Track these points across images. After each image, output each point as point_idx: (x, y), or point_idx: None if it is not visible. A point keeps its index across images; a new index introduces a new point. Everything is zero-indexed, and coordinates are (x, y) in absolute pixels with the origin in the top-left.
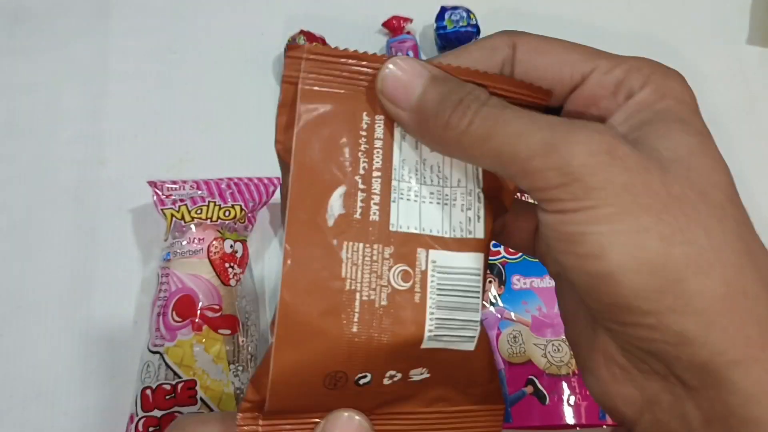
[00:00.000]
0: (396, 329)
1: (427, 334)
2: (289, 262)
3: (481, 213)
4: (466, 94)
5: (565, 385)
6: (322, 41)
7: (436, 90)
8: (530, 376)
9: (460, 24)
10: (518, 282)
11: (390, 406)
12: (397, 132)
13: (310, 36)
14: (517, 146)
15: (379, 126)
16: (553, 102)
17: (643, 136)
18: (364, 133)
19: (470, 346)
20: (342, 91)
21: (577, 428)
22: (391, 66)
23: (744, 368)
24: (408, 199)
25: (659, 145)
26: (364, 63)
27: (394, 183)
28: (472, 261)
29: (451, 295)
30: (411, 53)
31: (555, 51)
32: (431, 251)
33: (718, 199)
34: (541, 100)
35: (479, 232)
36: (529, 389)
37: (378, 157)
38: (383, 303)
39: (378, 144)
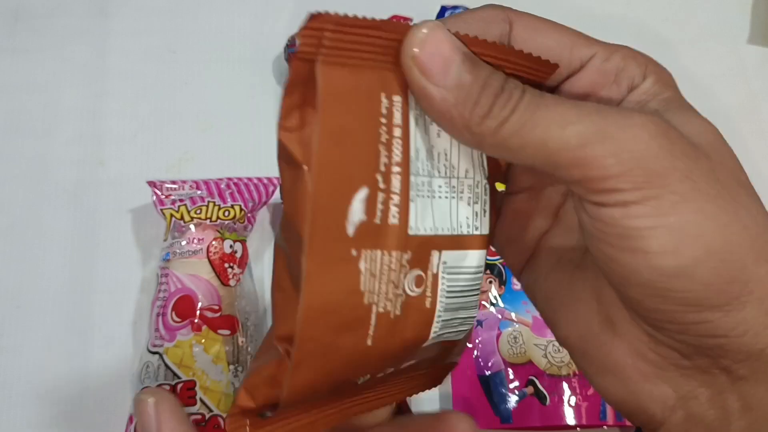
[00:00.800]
0: (406, 336)
1: (431, 336)
2: (308, 282)
3: (487, 207)
4: (505, 80)
5: (565, 385)
6: None
7: (475, 72)
8: (531, 377)
9: None
10: (518, 283)
11: (374, 387)
12: (413, 114)
13: None
14: (566, 133)
15: (397, 110)
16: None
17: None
18: (384, 120)
19: (461, 337)
20: (361, 69)
21: (578, 429)
22: (425, 31)
23: None
24: (424, 196)
25: (687, 131)
26: (383, 33)
27: (411, 179)
28: (477, 259)
29: (457, 296)
30: None
31: (553, 32)
32: (443, 252)
33: (749, 185)
34: (543, 78)
35: (484, 228)
36: (530, 390)
37: (398, 148)
38: (397, 313)
39: (397, 132)
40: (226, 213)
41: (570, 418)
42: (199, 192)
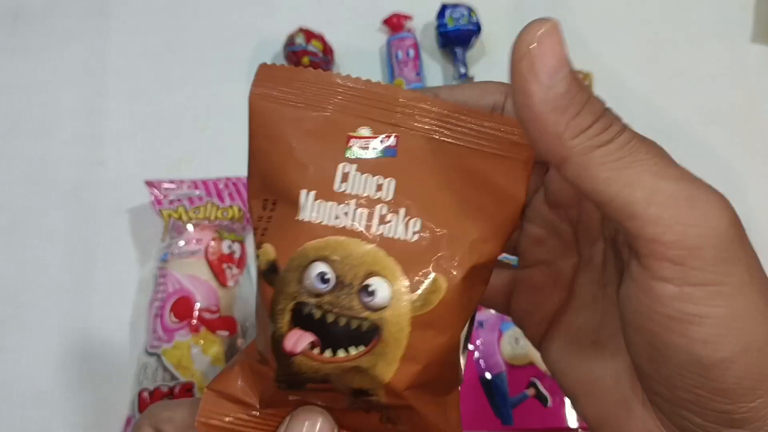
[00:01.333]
0: None
1: None
2: None
3: None
4: (608, 110)
5: None
6: (322, 39)
7: (583, 87)
8: (532, 378)
9: (461, 22)
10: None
11: None
12: None
13: (309, 34)
14: (658, 186)
15: None
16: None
17: None
18: None
19: None
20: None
21: (579, 431)
22: (545, 29)
23: None
24: None
25: None
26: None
27: None
28: None
29: None
30: (411, 51)
31: None
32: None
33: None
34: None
35: None
36: (531, 392)
37: None
38: None
39: None
40: (225, 213)
41: (571, 421)
42: (197, 192)
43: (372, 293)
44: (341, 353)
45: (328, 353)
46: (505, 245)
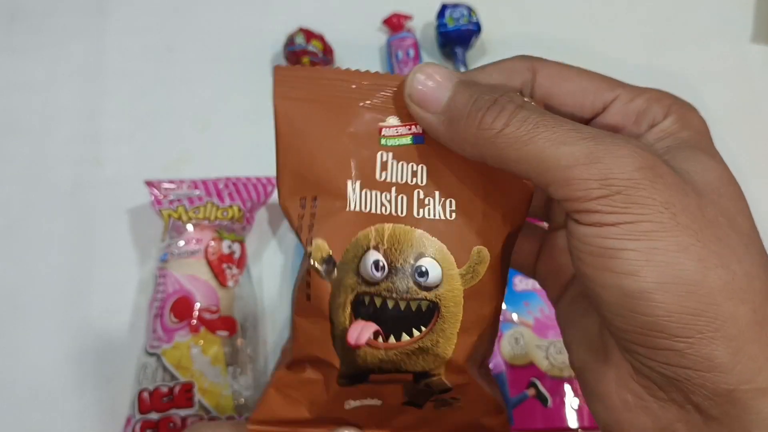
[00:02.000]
0: None
1: None
2: None
3: None
4: (500, 95)
5: (567, 387)
6: (321, 39)
7: (467, 91)
8: (532, 379)
9: (461, 21)
10: (520, 283)
11: None
12: None
13: (309, 34)
14: (558, 152)
15: None
16: None
17: (672, 160)
18: None
19: None
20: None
21: (580, 431)
22: (419, 73)
23: None
24: None
25: (689, 169)
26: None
27: None
28: None
29: None
30: (411, 51)
31: (576, 78)
32: None
33: (745, 227)
34: None
35: None
36: (531, 392)
37: None
38: None
39: None
40: (225, 213)
41: (572, 421)
42: (197, 192)
43: (425, 273)
44: (405, 337)
45: (392, 340)
46: (528, 211)
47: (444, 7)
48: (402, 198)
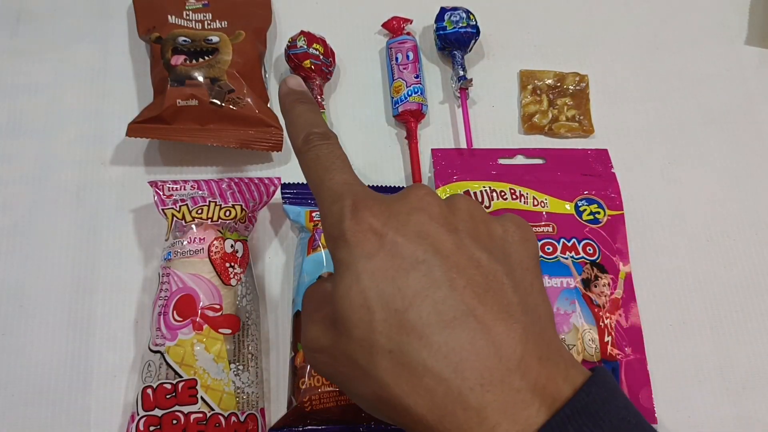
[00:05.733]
0: None
1: None
2: None
3: None
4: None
5: None
6: (323, 42)
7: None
8: None
9: (460, 25)
10: None
11: None
12: None
13: (310, 37)
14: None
15: None
16: None
17: None
18: None
19: None
20: None
21: None
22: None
23: None
24: None
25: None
26: None
27: None
28: None
29: None
30: (411, 54)
31: None
32: None
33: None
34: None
35: None
36: None
37: None
38: None
39: None
40: (227, 213)
41: None
42: (200, 192)
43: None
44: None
45: (193, 62)
46: None
47: (443, 11)
48: None
